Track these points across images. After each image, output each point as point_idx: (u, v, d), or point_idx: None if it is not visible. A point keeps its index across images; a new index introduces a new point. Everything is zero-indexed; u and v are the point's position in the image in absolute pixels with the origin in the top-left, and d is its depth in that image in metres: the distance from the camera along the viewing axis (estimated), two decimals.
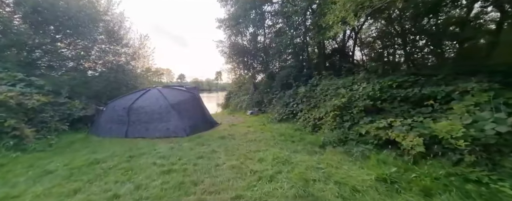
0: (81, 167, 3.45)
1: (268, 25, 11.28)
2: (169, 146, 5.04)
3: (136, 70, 11.02)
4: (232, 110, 12.88)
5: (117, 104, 6.25)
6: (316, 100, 6.90)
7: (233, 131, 6.81)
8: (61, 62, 8.37)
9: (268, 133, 6.27)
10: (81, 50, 7.99)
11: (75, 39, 7.93)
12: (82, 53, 8.09)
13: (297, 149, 4.57)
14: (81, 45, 8.31)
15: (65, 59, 8.09)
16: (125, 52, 10.50)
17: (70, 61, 7.98)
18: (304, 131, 6.20)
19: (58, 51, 7.81)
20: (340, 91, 5.71)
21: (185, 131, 6.11)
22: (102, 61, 8.85)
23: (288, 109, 8.24)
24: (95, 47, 8.74)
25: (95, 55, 8.41)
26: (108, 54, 8.88)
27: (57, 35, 8.01)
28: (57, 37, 7.99)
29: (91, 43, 8.12)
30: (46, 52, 7.72)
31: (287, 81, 9.17)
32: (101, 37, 8.95)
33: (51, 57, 7.94)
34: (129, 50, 10.51)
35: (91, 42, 8.20)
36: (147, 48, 12.48)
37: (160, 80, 22.71)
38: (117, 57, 9.95)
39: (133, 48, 11.60)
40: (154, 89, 6.98)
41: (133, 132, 5.82)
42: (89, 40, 8.09)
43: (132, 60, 11.27)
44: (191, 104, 7.01)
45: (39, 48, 7.53)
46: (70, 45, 8.35)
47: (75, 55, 7.93)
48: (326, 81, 7.18)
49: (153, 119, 6.04)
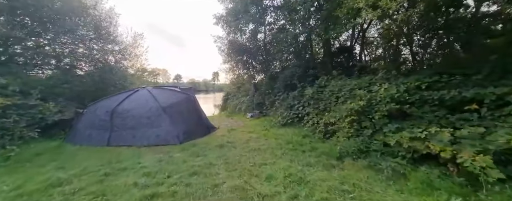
0: (33, 193, 2.63)
1: (269, 22, 10.57)
2: (157, 157, 4.26)
3: (126, 69, 10.17)
4: (230, 113, 12.10)
5: (100, 107, 5.43)
6: (326, 103, 6.19)
7: (233, 137, 6.05)
8: (43, 60, 7.48)
9: (273, 140, 5.53)
10: (63, 46, 7.10)
11: (55, 34, 7.03)
12: (66, 50, 7.21)
13: (311, 162, 3.84)
14: (64, 40, 7.43)
15: (47, 56, 7.20)
16: (114, 50, 9.66)
17: (52, 58, 7.07)
18: (313, 138, 5.47)
19: (37, 47, 6.95)
20: (356, 92, 5.01)
21: (178, 138, 5.33)
22: (88, 59, 7.96)
23: (292, 112, 7.52)
24: (81, 43, 7.88)
25: (80, 52, 7.50)
26: (92, 51, 8.00)
27: (37, 29, 7.13)
28: (37, 31, 7.12)
29: (75, 38, 7.24)
30: (25, 48, 6.85)
31: (291, 82, 8.45)
32: (87, 33, 8.09)
33: (32, 53, 7.07)
34: (119, 48, 9.66)
35: (75, 38, 7.33)
36: (140, 47, 11.66)
37: (156, 80, 21.91)
38: (106, 55, 9.11)
39: (125, 46, 10.79)
40: (144, 90, 6.18)
41: (116, 140, 5.01)
42: (73, 35, 7.22)
43: (123, 59, 10.47)
44: (186, 107, 6.23)
45: (18, 44, 6.68)
46: (52, 41, 7.48)
47: (57, 51, 7.03)
48: (335, 81, 6.48)
49: (141, 124, 5.24)
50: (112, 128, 5.08)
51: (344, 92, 5.41)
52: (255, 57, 11.65)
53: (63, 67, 7.27)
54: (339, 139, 4.57)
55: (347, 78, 6.40)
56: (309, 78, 7.78)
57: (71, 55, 7.38)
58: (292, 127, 7.01)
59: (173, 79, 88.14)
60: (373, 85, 4.90)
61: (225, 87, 17.86)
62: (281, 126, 7.36)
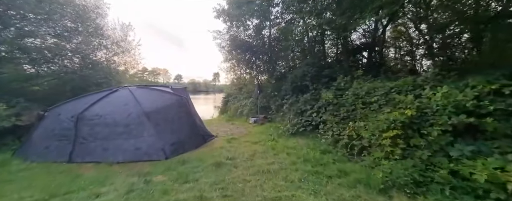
0: None
1: (275, 16, 9.44)
2: (129, 182, 3.11)
3: (115, 65, 8.99)
4: (231, 116, 10.92)
5: (64, 111, 4.26)
6: (348, 109, 5.03)
7: (234, 150, 4.88)
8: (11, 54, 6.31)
9: (284, 156, 4.37)
10: (30, 36, 5.92)
11: (19, 23, 5.80)
12: (34, 42, 6.01)
13: (345, 198, 2.67)
14: (31, 29, 6.23)
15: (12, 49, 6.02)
16: (102, 44, 8.52)
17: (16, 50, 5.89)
18: (335, 154, 4.30)
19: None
20: (394, 97, 3.85)
21: (164, 151, 4.18)
22: (62, 53, 6.73)
23: (304, 119, 6.36)
24: (52, 35, 6.66)
25: (52, 45, 6.29)
26: (71, 44, 6.83)
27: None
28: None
29: (44, 27, 6.07)
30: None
31: (301, 83, 7.30)
32: (65, 23, 6.95)
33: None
34: (106, 42, 8.52)
35: (48, 27, 6.18)
36: (131, 40, 10.50)
37: (156, 80, 20.68)
38: (90, 49, 7.97)
39: (116, 41, 9.66)
40: (124, 90, 5.03)
41: (81, 154, 3.86)
42: (44, 24, 6.07)
43: (112, 54, 9.30)
44: (177, 112, 5.07)
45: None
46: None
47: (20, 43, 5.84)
48: (358, 83, 5.31)
49: (115, 133, 4.09)
50: (77, 139, 3.91)
51: (376, 97, 4.24)
52: (259, 55, 10.51)
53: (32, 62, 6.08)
54: (377, 161, 3.39)
55: (375, 79, 5.25)
56: (324, 79, 6.62)
57: (37, 47, 6.13)
58: (305, 137, 5.85)
59: (174, 79, 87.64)
60: (420, 88, 3.74)
61: (226, 88, 16.70)
62: (291, 135, 6.20)
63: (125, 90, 5.07)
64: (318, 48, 8.27)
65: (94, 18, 8.59)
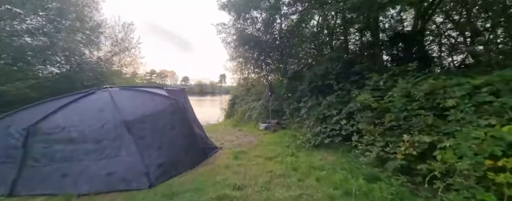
0: None
1: (288, 6, 8.20)
2: None
3: (105, 64, 8.02)
4: (238, 121, 9.74)
5: (17, 121, 3.19)
6: (397, 116, 3.70)
7: (243, 171, 3.67)
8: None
9: (312, 183, 3.14)
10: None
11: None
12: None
13: None
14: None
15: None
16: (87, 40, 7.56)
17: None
18: (389, 182, 3.00)
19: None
20: (492, 100, 2.51)
21: (148, 177, 3.03)
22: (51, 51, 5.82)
23: (329, 126, 5.09)
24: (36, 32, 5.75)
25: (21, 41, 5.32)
26: (57, 41, 5.87)
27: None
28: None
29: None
30: None
31: (323, 82, 6.01)
32: (49, 15, 6.02)
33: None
34: (96, 39, 7.57)
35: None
36: (130, 38, 9.59)
37: (164, 82, 19.78)
38: (81, 47, 7.04)
39: (111, 39, 8.77)
40: (104, 92, 3.93)
41: (30, 184, 2.76)
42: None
43: (113, 55, 8.43)
44: (170, 120, 3.92)
45: None
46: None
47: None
48: (406, 82, 3.99)
49: (81, 153, 2.98)
50: (25, 161, 2.82)
51: (454, 100, 2.90)
52: (269, 53, 9.29)
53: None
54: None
55: (428, 75, 3.91)
56: (356, 76, 5.32)
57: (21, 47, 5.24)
58: (333, 152, 4.59)
59: (181, 81, 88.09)
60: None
61: (232, 89, 15.55)
62: (314, 147, 4.95)
63: (104, 92, 3.97)
64: (341, 41, 6.95)
65: (89, 12, 7.70)
